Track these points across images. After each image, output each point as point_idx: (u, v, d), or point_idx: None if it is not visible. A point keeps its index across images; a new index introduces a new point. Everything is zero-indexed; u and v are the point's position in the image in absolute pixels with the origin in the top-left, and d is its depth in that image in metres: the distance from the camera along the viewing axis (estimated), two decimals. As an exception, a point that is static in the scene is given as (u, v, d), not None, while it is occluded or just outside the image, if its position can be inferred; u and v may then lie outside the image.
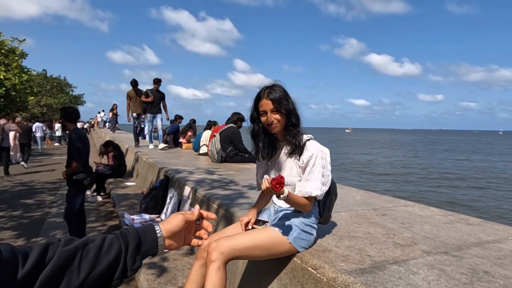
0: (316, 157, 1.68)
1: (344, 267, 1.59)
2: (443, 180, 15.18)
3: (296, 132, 1.71)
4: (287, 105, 1.67)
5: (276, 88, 1.70)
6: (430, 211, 2.80)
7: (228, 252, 1.59)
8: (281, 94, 1.67)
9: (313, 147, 1.70)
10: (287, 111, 1.67)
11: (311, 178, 1.68)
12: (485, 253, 1.85)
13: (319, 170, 1.68)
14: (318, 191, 1.68)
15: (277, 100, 1.66)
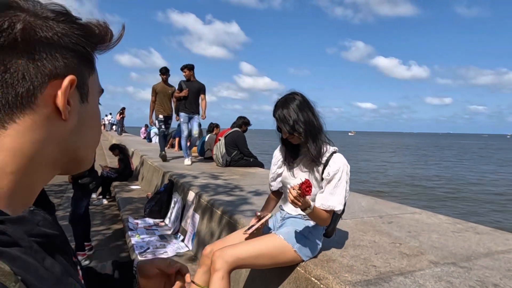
0: (343, 172, 1.66)
1: (349, 278, 1.55)
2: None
3: (315, 143, 1.66)
4: (297, 121, 1.61)
5: (285, 104, 1.65)
6: (438, 219, 2.74)
7: (233, 261, 1.57)
8: (288, 112, 1.62)
9: (340, 161, 1.68)
10: (295, 128, 1.61)
11: (335, 192, 1.65)
12: (494, 264, 1.80)
13: (344, 185, 1.66)
14: (341, 206, 1.66)
15: (282, 120, 1.63)
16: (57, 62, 0.41)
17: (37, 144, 0.41)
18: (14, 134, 0.39)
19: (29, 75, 0.39)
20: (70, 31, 0.43)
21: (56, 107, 0.42)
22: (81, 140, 0.47)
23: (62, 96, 0.41)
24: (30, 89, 0.39)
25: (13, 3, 0.40)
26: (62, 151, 0.45)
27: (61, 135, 0.44)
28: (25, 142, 0.40)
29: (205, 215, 3.13)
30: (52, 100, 0.41)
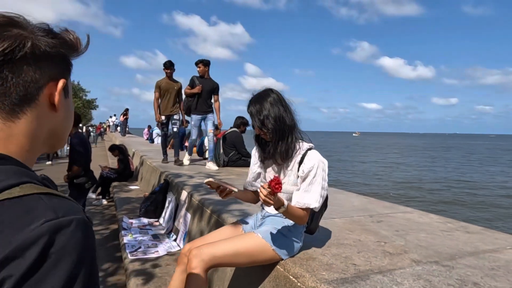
0: (318, 168, 1.63)
1: (326, 276, 1.54)
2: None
3: (285, 140, 1.64)
4: (268, 116, 1.59)
5: (258, 100, 1.64)
6: (429, 218, 2.71)
7: (209, 259, 1.56)
8: (260, 108, 1.61)
9: (314, 157, 1.65)
10: (264, 124, 1.60)
11: (310, 190, 1.62)
12: (478, 263, 1.77)
13: (319, 182, 1.63)
14: (317, 203, 1.63)
15: (254, 115, 1.63)
16: (54, 69, 0.57)
17: (39, 129, 0.57)
18: (26, 122, 0.55)
19: (35, 79, 0.54)
20: (58, 44, 0.56)
21: (50, 102, 0.57)
22: (65, 125, 0.64)
23: (58, 95, 0.57)
24: (35, 89, 0.54)
25: (15, 21, 0.53)
26: (52, 134, 0.61)
27: (54, 122, 0.60)
28: (33, 128, 0.56)
29: (196, 215, 3.13)
30: (48, 97, 0.57)
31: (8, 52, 0.50)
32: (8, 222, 0.43)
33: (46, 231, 0.43)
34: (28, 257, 0.41)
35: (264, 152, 1.71)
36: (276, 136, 1.61)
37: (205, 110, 5.53)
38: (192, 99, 5.55)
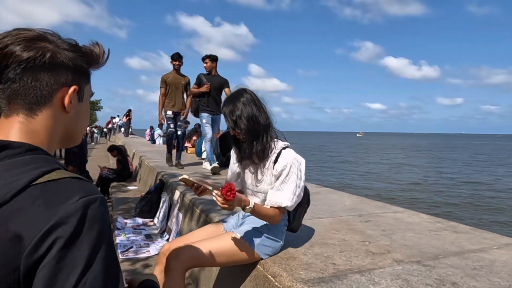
0: (291, 166, 1.61)
1: (303, 275, 1.53)
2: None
3: (258, 140, 1.62)
4: (240, 116, 1.59)
5: (232, 100, 1.63)
6: (419, 218, 2.69)
7: (187, 261, 1.55)
8: (233, 108, 1.60)
9: (288, 156, 1.63)
10: (237, 124, 1.59)
11: (283, 188, 1.61)
12: (461, 262, 1.76)
13: (293, 180, 1.61)
14: (289, 202, 1.60)
15: (227, 115, 1.62)
16: (67, 76, 0.68)
17: (55, 127, 0.69)
18: (43, 119, 0.67)
19: (50, 84, 0.66)
20: (77, 57, 0.69)
21: (63, 104, 0.69)
22: (77, 125, 0.75)
23: (67, 99, 0.69)
24: (50, 92, 0.66)
25: (44, 36, 0.66)
26: (65, 131, 0.73)
27: (65, 121, 0.71)
28: (50, 125, 0.68)
29: (187, 214, 3.14)
30: (61, 100, 0.68)
31: (31, 60, 0.63)
32: (52, 198, 0.58)
33: (81, 206, 0.58)
34: (71, 223, 0.56)
35: (240, 152, 1.70)
36: (250, 136, 1.61)
37: (216, 109, 5.19)
38: (200, 99, 5.16)
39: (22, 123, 0.66)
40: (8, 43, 0.63)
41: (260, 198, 1.72)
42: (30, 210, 0.56)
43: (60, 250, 0.55)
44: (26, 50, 0.63)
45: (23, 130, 0.66)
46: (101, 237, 0.60)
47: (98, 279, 0.58)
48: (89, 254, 0.57)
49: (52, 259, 0.54)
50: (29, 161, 0.62)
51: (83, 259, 0.57)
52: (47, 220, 0.55)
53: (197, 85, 5.18)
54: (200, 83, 5.15)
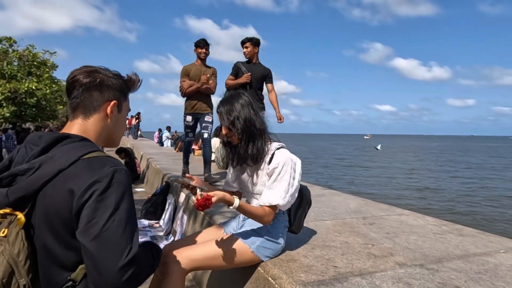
0: (284, 165, 1.60)
1: (303, 278, 1.52)
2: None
3: (254, 142, 1.62)
4: (238, 117, 1.58)
5: (229, 100, 1.63)
6: (424, 221, 2.66)
7: (187, 264, 1.55)
8: (230, 108, 1.60)
9: (281, 156, 1.63)
10: (234, 124, 1.58)
11: (274, 187, 1.60)
12: (465, 266, 1.73)
13: (286, 179, 1.60)
14: (281, 200, 1.59)
15: (223, 114, 1.61)
16: (110, 94, 1.06)
17: (101, 129, 1.06)
18: (93, 122, 1.05)
19: (99, 99, 1.04)
20: (120, 82, 1.09)
21: (106, 113, 1.06)
22: (115, 129, 1.12)
23: (109, 109, 1.06)
24: (98, 104, 1.04)
25: (97, 69, 1.06)
26: (107, 133, 1.10)
27: (108, 125, 1.08)
28: (97, 126, 1.05)
29: (192, 216, 3.15)
30: (105, 109, 1.05)
31: (87, 84, 1.02)
32: (93, 166, 0.92)
33: (111, 171, 0.92)
34: (104, 181, 0.90)
35: (234, 156, 1.69)
36: (245, 137, 1.60)
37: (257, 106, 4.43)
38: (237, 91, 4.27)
39: (79, 124, 1.04)
40: (75, 74, 1.03)
41: (258, 199, 1.72)
42: (79, 174, 0.90)
43: (97, 197, 0.87)
44: (85, 78, 1.02)
45: (79, 128, 1.04)
46: (124, 193, 0.91)
47: (123, 220, 0.88)
48: (116, 203, 0.89)
49: (92, 202, 0.87)
50: (81, 146, 0.97)
51: (112, 205, 0.88)
52: (89, 179, 0.89)
53: (233, 76, 4.21)
54: (238, 73, 4.16)
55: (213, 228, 1.89)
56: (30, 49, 18.44)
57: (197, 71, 4.28)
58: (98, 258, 0.85)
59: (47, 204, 0.91)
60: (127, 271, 0.86)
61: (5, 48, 17.77)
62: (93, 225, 0.86)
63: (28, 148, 0.99)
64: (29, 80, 17.32)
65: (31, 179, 0.91)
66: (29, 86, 16.82)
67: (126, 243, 0.88)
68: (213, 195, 1.38)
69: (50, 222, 0.91)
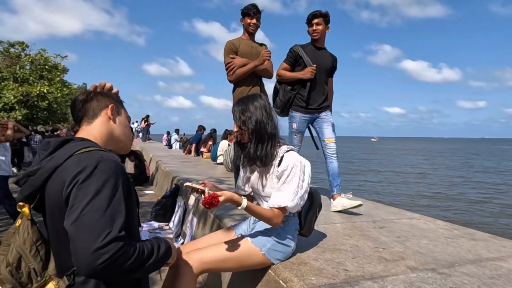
0: (293, 168, 1.62)
1: (314, 281, 1.53)
2: None
3: (263, 144, 1.64)
4: (250, 118, 1.61)
5: (244, 101, 1.66)
6: (435, 225, 2.63)
7: (198, 266, 1.57)
8: (244, 108, 1.63)
9: (290, 158, 1.64)
10: (245, 123, 1.62)
11: (283, 189, 1.62)
12: (478, 271, 1.71)
13: (295, 181, 1.61)
14: (289, 202, 1.59)
15: (237, 114, 1.64)
16: (107, 101, 1.23)
17: (104, 130, 1.20)
18: (96, 126, 1.19)
19: (96, 106, 1.21)
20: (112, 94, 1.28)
21: (108, 116, 1.21)
22: (120, 129, 1.25)
23: (110, 112, 1.22)
24: (98, 110, 1.21)
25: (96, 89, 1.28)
26: (114, 136, 1.23)
27: (111, 127, 1.22)
28: (101, 129, 1.19)
29: (201, 219, 3.17)
30: (106, 113, 1.21)
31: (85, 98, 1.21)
32: (82, 159, 1.01)
33: (95, 161, 1.00)
34: (86, 171, 0.98)
35: (244, 155, 1.72)
36: (255, 138, 1.63)
37: (320, 105, 3.12)
38: (295, 87, 3.09)
39: (84, 129, 1.19)
40: (77, 95, 1.23)
41: (268, 202, 1.73)
42: (70, 167, 1.00)
43: (78, 185, 0.96)
44: (82, 95, 1.22)
45: (84, 133, 1.18)
46: (107, 181, 0.98)
47: (102, 206, 0.94)
48: (96, 190, 0.95)
49: (75, 190, 0.96)
50: (79, 144, 1.08)
51: (92, 192, 0.95)
52: (75, 169, 0.98)
53: (290, 64, 3.11)
54: (296, 61, 3.09)
55: (224, 231, 1.91)
56: (42, 53, 18.74)
57: (248, 48, 3.19)
58: (75, 241, 0.90)
59: (49, 197, 1.04)
60: (102, 254, 0.88)
61: (18, 52, 18.09)
62: (74, 210, 0.93)
63: (40, 154, 1.12)
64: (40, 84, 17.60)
65: (36, 177, 1.05)
66: (41, 90, 17.09)
67: (103, 227, 0.91)
68: (220, 194, 1.41)
69: (53, 213, 1.04)
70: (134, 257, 0.97)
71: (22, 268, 1.05)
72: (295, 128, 3.17)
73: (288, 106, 3.18)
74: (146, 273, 1.08)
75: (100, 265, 0.88)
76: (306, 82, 3.06)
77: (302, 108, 3.12)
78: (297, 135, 3.19)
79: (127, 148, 1.31)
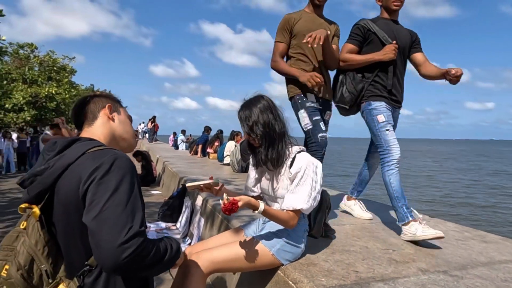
0: (306, 169, 1.60)
1: (324, 282, 1.52)
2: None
3: (273, 147, 1.63)
4: (257, 122, 1.60)
5: (249, 105, 1.64)
6: (445, 227, 2.60)
7: (207, 266, 1.57)
8: (249, 113, 1.62)
9: (302, 159, 1.63)
10: (253, 130, 1.61)
11: (297, 191, 1.60)
12: (491, 274, 1.69)
13: (308, 183, 1.60)
14: (304, 204, 1.58)
15: (243, 121, 1.63)
16: (103, 102, 1.25)
17: (105, 130, 1.21)
18: (97, 127, 1.21)
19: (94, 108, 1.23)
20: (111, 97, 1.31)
21: (108, 117, 1.23)
22: (121, 128, 1.26)
23: (108, 111, 1.24)
24: (96, 111, 1.23)
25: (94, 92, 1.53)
26: (117, 135, 1.24)
27: (113, 126, 1.24)
28: (102, 130, 1.21)
29: (209, 220, 3.17)
30: (105, 115, 1.23)
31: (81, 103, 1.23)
32: (96, 156, 1.03)
33: (111, 158, 1.02)
34: (104, 167, 0.99)
35: (256, 159, 1.72)
36: (265, 142, 1.62)
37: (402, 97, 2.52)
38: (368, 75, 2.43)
39: (86, 131, 1.21)
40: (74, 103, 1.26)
41: (280, 203, 1.72)
42: (84, 163, 1.02)
43: (97, 181, 0.97)
44: (78, 102, 1.25)
45: (87, 134, 1.19)
46: (124, 177, 1.00)
47: (122, 200, 0.96)
48: (116, 185, 0.97)
49: (93, 186, 0.96)
50: (89, 143, 1.10)
51: (112, 187, 0.96)
52: (92, 166, 0.99)
53: (357, 45, 2.45)
54: (366, 40, 2.44)
55: (233, 231, 1.90)
56: (50, 54, 18.95)
57: (308, 24, 2.41)
58: (98, 236, 0.90)
59: (61, 195, 1.03)
60: (126, 249, 0.89)
61: (27, 54, 18.32)
62: (94, 205, 0.93)
63: (45, 155, 1.11)
64: (49, 85, 17.79)
65: (45, 175, 1.04)
66: (49, 91, 17.28)
67: (125, 221, 0.92)
68: (239, 199, 1.41)
69: (66, 211, 1.03)
70: (154, 252, 0.98)
71: (33, 271, 1.03)
72: (385, 119, 2.33)
73: (360, 99, 2.46)
74: (164, 269, 1.09)
75: (124, 259, 0.89)
76: (387, 65, 2.38)
77: (384, 98, 2.39)
78: (390, 129, 2.33)
79: (132, 145, 1.31)
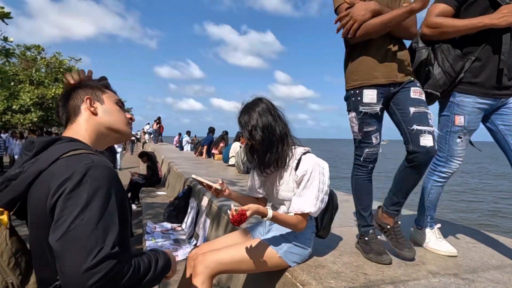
0: (312, 171, 1.58)
1: (333, 284, 1.50)
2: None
3: (275, 150, 1.61)
4: (255, 127, 1.57)
5: (247, 110, 1.62)
6: (455, 229, 2.56)
7: (214, 266, 1.55)
8: (248, 118, 1.59)
9: (308, 161, 1.61)
10: (252, 135, 1.58)
11: (305, 194, 1.58)
12: (503, 277, 1.65)
13: (315, 185, 1.57)
14: (312, 207, 1.56)
15: (243, 126, 1.61)
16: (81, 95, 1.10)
17: (89, 126, 1.08)
18: (80, 123, 1.08)
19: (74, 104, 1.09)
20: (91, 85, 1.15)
21: (90, 111, 1.09)
22: (110, 119, 1.12)
23: (89, 105, 1.09)
24: (77, 107, 1.09)
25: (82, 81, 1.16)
26: (105, 128, 1.11)
27: (99, 120, 1.10)
28: (86, 126, 1.08)
29: (215, 221, 3.16)
30: (86, 109, 1.09)
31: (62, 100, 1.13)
32: (69, 164, 0.90)
33: (84, 168, 0.89)
34: (75, 179, 0.87)
35: (257, 162, 1.70)
36: (265, 146, 1.60)
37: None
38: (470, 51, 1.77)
39: (70, 128, 1.09)
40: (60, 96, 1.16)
41: (286, 205, 1.71)
42: (56, 172, 0.90)
43: (66, 195, 0.85)
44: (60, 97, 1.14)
45: (70, 131, 1.08)
46: (98, 190, 0.87)
47: (93, 218, 0.84)
48: (86, 200, 0.85)
49: (61, 201, 0.85)
50: (67, 145, 0.98)
51: (81, 203, 0.84)
52: (62, 176, 0.87)
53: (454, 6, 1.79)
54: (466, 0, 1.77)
55: (240, 232, 1.89)
56: (57, 56, 19.14)
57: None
58: (62, 259, 0.81)
59: (32, 206, 0.93)
60: (94, 274, 0.79)
61: (34, 56, 18.52)
62: (60, 224, 0.82)
63: (23, 155, 1.01)
64: (55, 86, 17.96)
65: (18, 181, 0.94)
66: (56, 92, 17.43)
67: (95, 243, 0.81)
68: (247, 208, 1.38)
69: (36, 224, 0.93)
70: (129, 275, 0.88)
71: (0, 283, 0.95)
72: (462, 124, 1.84)
73: (455, 84, 1.81)
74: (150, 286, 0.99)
75: (91, 286, 0.79)
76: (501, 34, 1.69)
77: (483, 88, 1.77)
78: (463, 138, 1.87)
79: (126, 134, 1.17)
